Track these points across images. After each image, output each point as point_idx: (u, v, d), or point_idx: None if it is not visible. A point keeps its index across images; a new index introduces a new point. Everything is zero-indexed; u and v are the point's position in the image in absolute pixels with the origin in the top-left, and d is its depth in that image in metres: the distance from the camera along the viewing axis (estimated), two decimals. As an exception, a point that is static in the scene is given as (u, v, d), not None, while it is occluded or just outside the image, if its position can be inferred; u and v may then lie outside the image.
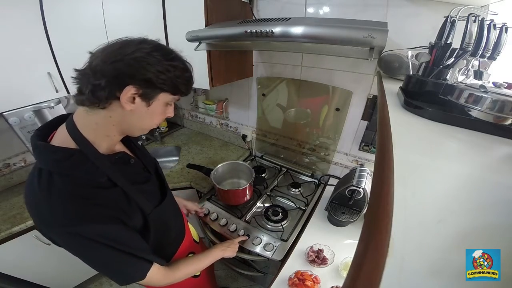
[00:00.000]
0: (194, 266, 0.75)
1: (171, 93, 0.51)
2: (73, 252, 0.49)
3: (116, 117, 0.49)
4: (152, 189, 0.66)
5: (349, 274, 0.24)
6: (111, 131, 0.52)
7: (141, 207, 0.57)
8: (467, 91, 0.43)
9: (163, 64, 0.46)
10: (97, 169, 0.49)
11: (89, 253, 0.49)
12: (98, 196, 0.48)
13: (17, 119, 1.08)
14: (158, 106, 0.51)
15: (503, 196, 0.26)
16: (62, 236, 0.46)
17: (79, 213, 0.45)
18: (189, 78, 0.53)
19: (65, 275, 1.44)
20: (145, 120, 0.52)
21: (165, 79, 0.47)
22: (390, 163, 0.29)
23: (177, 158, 1.73)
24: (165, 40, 1.24)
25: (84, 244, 0.47)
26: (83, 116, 0.49)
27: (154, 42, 0.50)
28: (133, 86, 0.45)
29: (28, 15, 0.97)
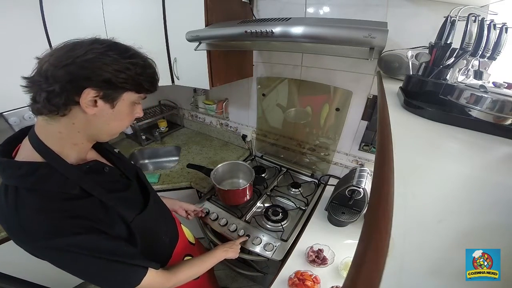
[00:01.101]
0: (197, 267, 0.75)
1: (135, 91, 0.49)
2: (56, 265, 0.46)
3: (79, 123, 0.46)
4: (133, 196, 0.63)
5: (349, 274, 0.23)
6: (78, 139, 0.49)
7: (122, 215, 0.54)
8: (467, 91, 0.43)
9: (120, 62, 0.44)
10: (67, 181, 0.47)
11: (72, 265, 0.47)
12: (71, 208, 0.46)
13: (17, 119, 1.08)
14: (124, 106, 0.49)
15: (503, 196, 0.26)
16: (39, 250, 0.44)
17: (51, 227, 0.43)
18: (153, 74, 0.51)
19: (65, 275, 1.41)
20: (112, 123, 0.49)
21: (125, 77, 0.45)
22: (390, 163, 0.29)
23: (177, 158, 1.73)
24: (165, 40, 1.24)
25: (64, 257, 0.45)
26: (44, 126, 0.45)
27: (108, 41, 0.46)
28: (91, 89, 0.42)
29: (28, 15, 0.97)
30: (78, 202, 0.47)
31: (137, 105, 0.53)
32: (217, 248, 0.87)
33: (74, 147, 0.49)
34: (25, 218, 0.42)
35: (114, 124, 0.50)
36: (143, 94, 0.51)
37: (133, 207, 0.60)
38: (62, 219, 0.44)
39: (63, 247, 0.43)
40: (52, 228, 0.43)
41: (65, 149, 0.48)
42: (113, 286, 0.53)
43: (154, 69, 0.52)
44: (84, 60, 0.41)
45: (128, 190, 0.61)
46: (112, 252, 0.49)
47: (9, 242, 1.08)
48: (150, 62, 0.51)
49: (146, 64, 0.49)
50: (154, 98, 2.05)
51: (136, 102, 0.52)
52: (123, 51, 0.46)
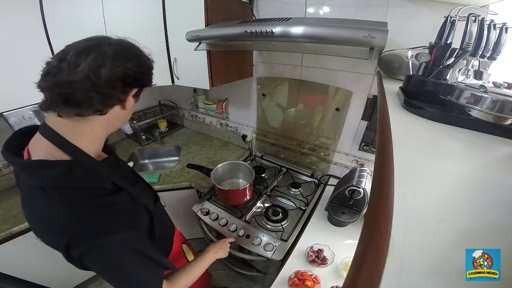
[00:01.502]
0: (192, 275, 0.73)
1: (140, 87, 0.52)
2: (99, 266, 0.46)
3: (112, 119, 0.49)
4: (145, 187, 0.67)
5: (349, 274, 0.23)
6: (103, 134, 0.51)
7: (146, 205, 0.57)
8: (467, 91, 0.43)
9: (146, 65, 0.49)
10: (100, 176, 0.48)
11: (118, 263, 0.47)
12: (113, 202, 0.48)
13: (17, 119, 1.08)
14: (132, 100, 0.52)
15: (503, 196, 0.26)
16: (95, 249, 0.43)
17: (109, 220, 0.45)
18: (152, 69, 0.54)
19: (65, 275, 1.43)
20: (127, 116, 0.53)
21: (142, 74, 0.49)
22: (390, 163, 0.29)
23: (177, 158, 1.73)
24: (165, 40, 1.24)
25: (117, 253, 0.46)
26: (73, 125, 0.45)
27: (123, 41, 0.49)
28: (135, 88, 0.47)
29: (28, 15, 0.97)
30: (116, 197, 0.49)
31: None
32: (207, 251, 0.87)
33: (98, 141, 0.51)
34: (81, 217, 0.42)
35: (127, 117, 0.54)
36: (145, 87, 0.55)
37: (150, 197, 0.64)
38: (111, 215, 0.46)
39: (115, 242, 0.44)
40: (107, 224, 0.44)
41: (89, 146, 0.48)
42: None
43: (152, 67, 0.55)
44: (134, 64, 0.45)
45: (139, 182, 0.65)
46: (147, 246, 0.52)
47: (9, 242, 1.08)
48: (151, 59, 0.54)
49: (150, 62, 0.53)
50: (154, 98, 2.06)
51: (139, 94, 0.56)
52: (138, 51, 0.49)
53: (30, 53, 1.02)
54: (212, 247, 0.90)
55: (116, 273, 0.48)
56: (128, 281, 0.50)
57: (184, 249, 0.94)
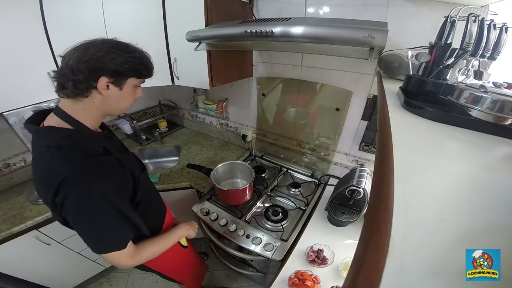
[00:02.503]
0: (161, 245, 0.80)
1: (136, 77, 0.63)
2: (74, 212, 0.56)
3: (97, 102, 0.60)
4: (132, 158, 0.80)
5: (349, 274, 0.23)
6: (96, 113, 0.63)
7: (132, 170, 0.69)
8: (467, 91, 0.43)
9: (123, 57, 0.57)
10: (94, 142, 0.62)
11: (93, 211, 0.56)
12: (102, 161, 0.61)
13: (17, 119, 1.08)
14: (128, 89, 0.63)
15: (503, 196, 0.26)
16: (78, 191, 0.54)
17: (94, 171, 0.56)
18: (149, 63, 0.65)
19: (65, 275, 1.44)
20: (120, 101, 0.63)
21: (128, 67, 0.58)
22: (390, 163, 0.29)
23: (177, 158, 1.73)
24: (165, 40, 1.24)
25: (95, 200, 0.55)
26: (71, 105, 0.59)
27: (113, 40, 0.59)
28: (104, 77, 0.56)
29: (28, 15, 0.97)
30: (105, 157, 0.63)
31: (138, 87, 0.67)
32: (178, 226, 0.92)
33: (93, 120, 0.64)
34: (75, 165, 0.55)
35: (122, 102, 0.64)
36: (142, 79, 0.65)
37: (137, 167, 0.76)
38: (101, 166, 0.59)
39: (97, 190, 0.55)
40: (95, 172, 0.56)
41: (87, 121, 0.62)
42: (103, 242, 0.61)
43: (149, 59, 0.65)
44: (98, 56, 0.54)
45: (128, 153, 0.79)
46: (124, 205, 0.62)
47: (9, 242, 1.08)
48: (145, 54, 0.64)
49: (143, 56, 0.63)
50: (154, 98, 2.06)
51: (137, 85, 0.66)
52: (125, 48, 0.59)
53: (30, 53, 1.02)
54: (183, 224, 0.95)
55: (87, 220, 0.57)
56: (96, 231, 0.59)
57: None
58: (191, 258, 1.19)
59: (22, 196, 1.27)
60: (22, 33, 0.98)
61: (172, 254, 1.00)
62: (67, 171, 0.54)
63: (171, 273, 1.11)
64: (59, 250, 1.27)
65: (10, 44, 0.96)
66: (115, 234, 0.61)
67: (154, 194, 0.89)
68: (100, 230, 0.59)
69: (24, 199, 1.24)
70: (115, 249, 0.62)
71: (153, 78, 0.68)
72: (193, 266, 1.23)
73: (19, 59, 1.00)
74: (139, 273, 1.71)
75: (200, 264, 1.34)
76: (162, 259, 0.95)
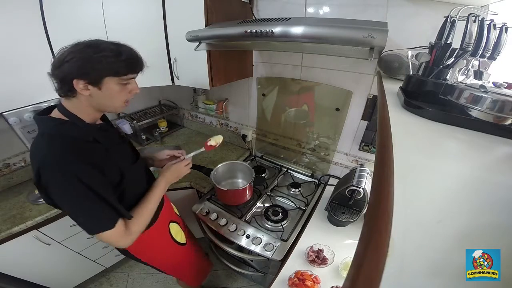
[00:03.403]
0: (147, 210, 0.78)
1: (113, 75, 0.62)
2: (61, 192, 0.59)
3: (84, 101, 0.64)
4: (126, 150, 0.82)
5: (349, 274, 0.24)
6: (89, 110, 0.66)
7: (118, 161, 0.71)
8: (467, 91, 0.43)
9: (93, 58, 0.58)
10: (84, 132, 0.65)
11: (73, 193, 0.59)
12: (86, 148, 0.64)
13: (17, 119, 1.07)
14: (111, 87, 0.63)
15: (503, 196, 0.26)
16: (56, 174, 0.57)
17: (72, 155, 0.59)
18: (128, 59, 0.62)
19: (65, 275, 1.44)
20: (106, 100, 0.65)
21: (100, 68, 0.59)
22: (390, 163, 0.29)
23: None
24: (165, 40, 1.24)
25: (72, 182, 0.58)
26: (66, 102, 0.65)
27: (85, 42, 0.60)
28: (78, 80, 0.58)
29: (28, 15, 0.97)
30: (91, 145, 0.66)
31: (128, 84, 0.66)
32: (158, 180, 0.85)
33: (88, 115, 0.67)
34: (55, 149, 0.59)
35: (110, 100, 0.66)
36: (124, 76, 0.63)
37: (128, 158, 0.80)
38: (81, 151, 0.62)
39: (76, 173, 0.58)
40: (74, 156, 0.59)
41: (83, 115, 0.66)
42: (92, 223, 0.63)
43: (127, 55, 0.62)
44: (69, 60, 0.57)
45: (122, 145, 0.81)
46: (105, 190, 0.63)
47: (9, 242, 1.08)
48: (123, 50, 0.62)
49: (116, 54, 0.60)
50: (154, 98, 2.06)
51: (123, 82, 0.64)
52: (95, 48, 0.59)
53: (30, 53, 1.02)
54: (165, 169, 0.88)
55: (71, 202, 0.60)
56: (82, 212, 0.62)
57: (171, 227, 0.99)
58: (191, 256, 1.17)
59: (22, 196, 1.26)
60: (22, 33, 0.98)
61: (169, 252, 1.01)
62: (48, 155, 0.58)
63: (169, 270, 1.11)
64: (59, 250, 1.27)
65: (10, 44, 0.95)
66: (101, 214, 0.63)
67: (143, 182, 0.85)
68: (86, 211, 0.61)
69: (24, 199, 1.24)
70: (105, 228, 0.63)
71: (153, 78, 0.68)
72: (193, 263, 1.21)
73: (19, 59, 1.00)
74: (139, 273, 1.71)
75: (202, 262, 1.32)
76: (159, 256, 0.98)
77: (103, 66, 0.59)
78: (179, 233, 1.05)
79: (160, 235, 0.94)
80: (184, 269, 1.18)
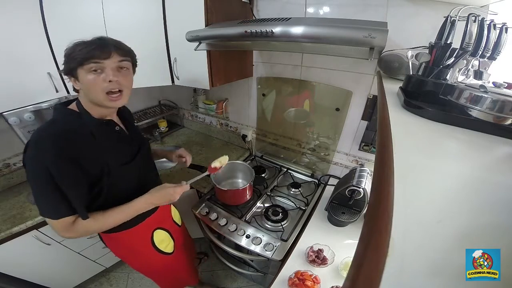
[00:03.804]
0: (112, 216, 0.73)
1: (78, 65, 0.63)
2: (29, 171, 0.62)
3: (82, 95, 0.69)
4: (125, 151, 0.80)
5: (349, 274, 0.24)
6: (90, 104, 0.70)
7: (108, 160, 0.71)
8: (467, 91, 0.43)
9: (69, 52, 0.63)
10: (84, 124, 0.68)
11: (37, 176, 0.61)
12: (74, 141, 0.65)
13: (17, 119, 1.07)
14: (84, 78, 0.64)
15: (503, 196, 0.26)
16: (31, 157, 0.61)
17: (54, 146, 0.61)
18: (87, 46, 0.62)
19: (65, 275, 1.44)
20: (88, 92, 0.67)
21: (66, 60, 0.64)
22: (390, 163, 0.29)
23: (177, 158, 1.73)
24: (165, 40, 1.24)
25: (40, 167, 0.60)
26: (79, 96, 0.71)
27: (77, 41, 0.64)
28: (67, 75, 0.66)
29: (28, 14, 0.97)
30: (83, 138, 0.67)
31: (96, 73, 0.65)
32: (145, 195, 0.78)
33: (94, 111, 0.71)
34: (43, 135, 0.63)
35: (89, 92, 0.67)
36: (85, 65, 0.63)
37: (121, 159, 0.77)
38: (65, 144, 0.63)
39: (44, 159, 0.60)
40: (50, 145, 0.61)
41: (90, 109, 0.70)
42: (41, 207, 0.65)
43: (88, 44, 0.63)
44: None
45: (124, 146, 0.80)
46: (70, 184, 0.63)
47: (9, 242, 1.08)
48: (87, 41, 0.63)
49: (76, 45, 0.63)
50: (154, 98, 2.06)
51: (90, 70, 0.64)
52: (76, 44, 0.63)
53: (30, 53, 1.02)
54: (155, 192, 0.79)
55: (31, 182, 0.62)
56: (37, 194, 0.63)
57: (155, 234, 0.95)
58: (172, 266, 1.09)
59: (22, 196, 1.26)
60: (22, 33, 0.98)
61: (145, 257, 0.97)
62: (37, 136, 0.63)
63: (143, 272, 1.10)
64: (59, 250, 1.27)
65: (10, 44, 0.95)
66: (51, 203, 0.64)
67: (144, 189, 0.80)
68: (40, 195, 0.64)
69: (24, 199, 1.24)
70: (49, 216, 0.65)
71: (153, 78, 0.68)
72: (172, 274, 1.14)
73: (19, 59, 1.00)
74: (139, 273, 1.71)
75: (185, 274, 1.24)
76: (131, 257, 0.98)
77: (72, 58, 0.63)
78: (165, 242, 1.00)
79: (139, 239, 0.92)
80: (159, 276, 1.14)
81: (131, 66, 0.73)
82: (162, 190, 0.80)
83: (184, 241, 1.18)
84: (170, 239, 1.03)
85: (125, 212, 0.75)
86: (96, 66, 0.64)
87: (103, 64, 0.64)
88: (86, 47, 0.62)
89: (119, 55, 0.67)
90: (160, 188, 0.81)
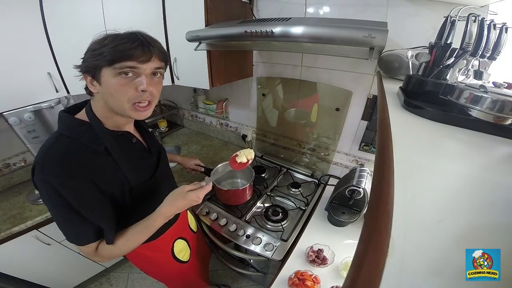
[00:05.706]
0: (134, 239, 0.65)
1: (108, 65, 0.52)
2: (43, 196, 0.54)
3: (98, 99, 0.58)
4: (145, 166, 0.72)
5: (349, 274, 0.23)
6: (105, 111, 0.59)
7: (128, 177, 0.63)
8: (467, 91, 0.43)
9: (89, 51, 0.54)
10: (97, 138, 0.58)
11: (53, 202, 0.54)
12: (87, 159, 0.56)
13: (17, 119, 1.07)
14: (108, 80, 0.53)
15: (503, 196, 0.26)
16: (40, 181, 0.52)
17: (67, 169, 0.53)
18: (120, 44, 0.51)
19: (65, 275, 1.44)
20: (108, 96, 0.56)
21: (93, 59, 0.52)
22: (390, 163, 0.29)
23: (177, 158, 1.73)
24: (165, 40, 1.24)
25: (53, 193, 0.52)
26: (92, 101, 0.61)
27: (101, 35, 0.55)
28: (85, 74, 0.55)
29: (28, 15, 0.97)
30: (96, 157, 0.58)
31: (132, 78, 0.54)
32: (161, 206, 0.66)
33: (108, 119, 0.61)
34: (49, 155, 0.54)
35: (111, 97, 0.56)
36: (116, 64, 0.51)
37: (142, 175, 0.69)
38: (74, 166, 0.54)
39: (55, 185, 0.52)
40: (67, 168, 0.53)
41: (103, 118, 0.60)
42: (66, 232, 0.59)
43: (123, 41, 0.52)
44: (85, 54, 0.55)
45: (143, 160, 0.72)
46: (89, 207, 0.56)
47: (9, 242, 1.08)
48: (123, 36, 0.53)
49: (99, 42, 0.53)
50: (154, 98, 2.05)
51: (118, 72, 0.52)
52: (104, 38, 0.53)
53: (30, 53, 1.02)
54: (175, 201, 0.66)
55: (50, 209, 0.56)
56: (58, 221, 0.57)
57: (175, 245, 0.93)
58: (186, 274, 1.05)
59: (22, 196, 1.26)
60: (22, 33, 0.97)
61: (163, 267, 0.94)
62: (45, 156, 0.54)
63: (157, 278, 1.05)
64: (59, 250, 1.27)
65: (10, 44, 0.95)
66: (69, 229, 0.58)
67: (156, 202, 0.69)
68: (60, 222, 0.57)
69: (24, 199, 1.24)
70: (70, 242, 0.59)
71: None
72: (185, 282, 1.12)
73: (19, 59, 1.00)
74: (139, 273, 1.71)
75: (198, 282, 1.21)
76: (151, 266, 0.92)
77: (99, 54, 0.51)
78: (184, 251, 0.97)
79: (161, 251, 0.88)
80: (174, 283, 1.12)
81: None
82: (184, 198, 0.66)
83: (198, 247, 1.14)
84: (187, 248, 1.00)
85: (148, 231, 0.65)
86: (130, 70, 0.52)
87: (139, 69, 0.53)
88: (123, 43, 0.51)
89: (159, 60, 0.57)
90: (181, 195, 0.66)
